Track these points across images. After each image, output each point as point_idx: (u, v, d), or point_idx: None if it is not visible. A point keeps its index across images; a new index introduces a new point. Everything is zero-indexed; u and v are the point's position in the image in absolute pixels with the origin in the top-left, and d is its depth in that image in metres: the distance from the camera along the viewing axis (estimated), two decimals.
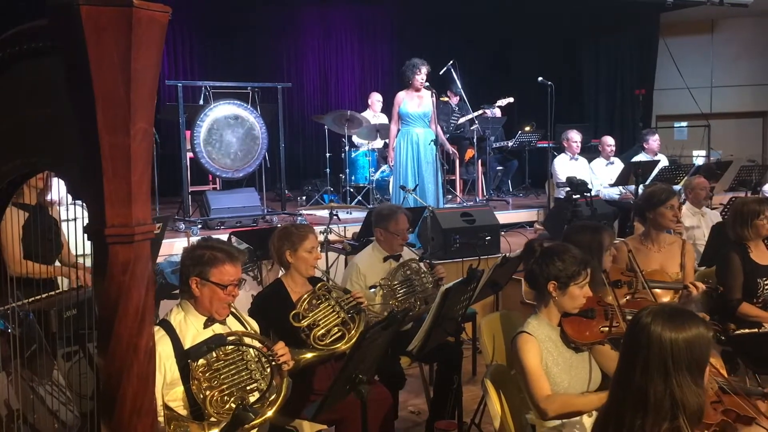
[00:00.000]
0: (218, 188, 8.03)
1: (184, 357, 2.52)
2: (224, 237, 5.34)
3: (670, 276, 3.95)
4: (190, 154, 7.09)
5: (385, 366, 3.59)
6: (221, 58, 10.11)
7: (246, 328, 2.78)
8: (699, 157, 11.16)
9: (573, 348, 2.83)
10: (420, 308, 3.92)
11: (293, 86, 9.42)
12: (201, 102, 7.62)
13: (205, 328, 2.69)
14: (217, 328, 2.71)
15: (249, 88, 7.36)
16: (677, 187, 6.72)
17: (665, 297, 3.70)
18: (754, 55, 11.61)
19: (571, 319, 2.84)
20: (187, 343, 2.61)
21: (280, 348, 2.68)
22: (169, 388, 2.52)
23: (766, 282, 4.07)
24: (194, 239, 6.11)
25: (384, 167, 8.03)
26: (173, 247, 5.85)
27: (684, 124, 12.21)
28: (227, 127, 6.90)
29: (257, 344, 2.65)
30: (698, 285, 3.67)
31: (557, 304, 2.81)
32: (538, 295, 2.89)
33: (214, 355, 2.51)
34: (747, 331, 3.70)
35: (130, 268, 1.39)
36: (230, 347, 2.58)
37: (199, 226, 6.58)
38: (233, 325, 2.78)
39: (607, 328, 2.88)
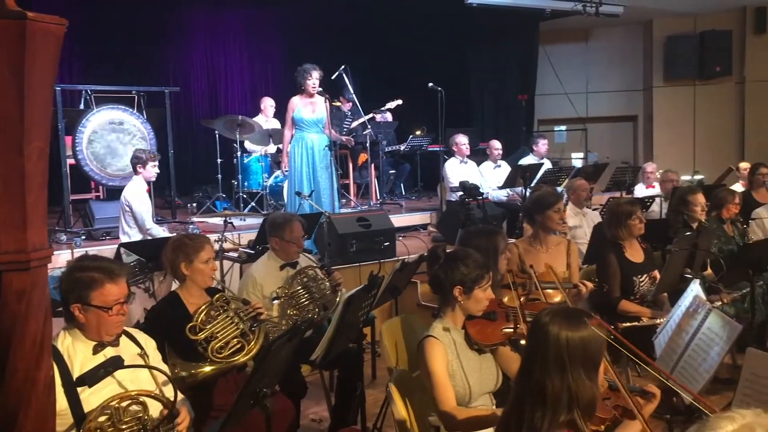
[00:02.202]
0: (102, 197, 7.67)
1: (73, 385, 2.36)
2: (112, 248, 5.11)
3: (558, 275, 4.14)
4: (70, 161, 6.73)
5: (286, 375, 3.55)
6: (103, 60, 9.64)
7: (141, 348, 2.67)
8: (578, 159, 11.76)
9: (476, 349, 2.91)
10: (320, 315, 3.92)
11: (181, 90, 9.13)
12: (81, 106, 7.24)
13: (94, 354, 2.52)
14: (109, 352, 2.54)
15: (134, 91, 7.08)
16: (560, 189, 7.07)
17: (557, 296, 3.88)
18: (625, 63, 12.37)
19: (474, 322, 2.92)
20: (76, 371, 2.44)
21: (183, 421, 2.52)
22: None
23: (641, 279, 4.36)
24: (78, 251, 5.81)
25: (277, 173, 7.94)
26: (55, 261, 5.52)
27: (563, 127, 12.84)
28: (111, 132, 6.62)
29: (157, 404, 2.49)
30: (586, 284, 3.89)
31: (462, 307, 2.89)
32: (442, 299, 2.94)
33: (111, 422, 2.35)
34: (628, 324, 3.93)
35: (27, 297, 1.28)
36: (131, 406, 2.42)
37: (83, 237, 6.25)
38: (126, 346, 2.65)
39: (508, 330, 2.99)
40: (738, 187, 7.71)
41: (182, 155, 9.79)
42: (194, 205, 8.53)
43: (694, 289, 3.22)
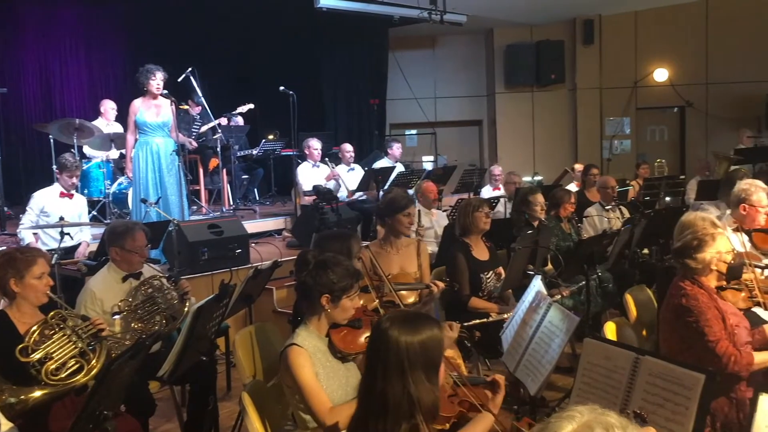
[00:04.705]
0: None
1: None
2: None
3: (410, 276, 4.23)
4: None
5: (132, 393, 3.35)
6: None
7: None
8: (428, 163, 12.13)
9: (340, 358, 2.84)
10: (168, 326, 3.74)
11: (10, 91, 8.40)
12: None
13: None
14: None
15: None
16: (411, 191, 7.23)
17: (411, 297, 3.95)
18: (469, 69, 12.93)
19: (339, 330, 2.86)
20: None
21: None
22: None
23: (487, 276, 4.55)
24: None
25: (121, 179, 7.52)
26: None
27: (414, 131, 13.20)
28: None
29: None
30: (438, 284, 3.99)
31: (329, 316, 2.82)
32: (308, 306, 2.86)
33: None
34: (478, 321, 4.07)
35: None
36: None
37: None
38: None
39: None
40: (573, 186, 8.27)
41: (12, 162, 9.00)
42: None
43: (536, 284, 3.38)
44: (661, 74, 12.06)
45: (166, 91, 6.30)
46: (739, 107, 11.77)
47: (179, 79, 8.16)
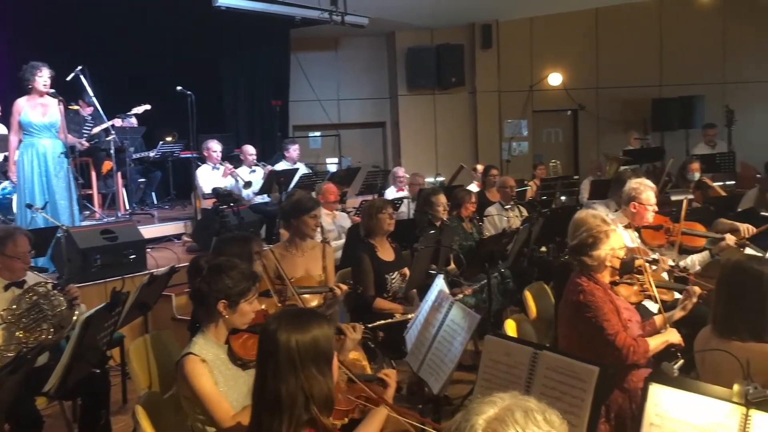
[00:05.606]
0: None
1: None
2: None
3: (315, 279, 4.18)
4: None
5: (16, 410, 3.13)
6: None
7: None
8: (332, 164, 12.08)
9: (240, 365, 2.74)
10: (56, 335, 3.52)
11: None
12: None
13: None
14: None
15: None
16: (313, 193, 7.17)
17: (314, 301, 3.90)
18: (372, 71, 12.97)
19: (238, 336, 2.76)
20: None
21: None
22: None
23: (392, 276, 4.56)
24: None
25: (5, 183, 7.07)
26: None
27: (318, 133, 13.12)
28: None
29: None
30: (341, 287, 3.96)
31: (227, 321, 2.72)
32: (205, 313, 2.75)
33: None
34: (382, 322, 4.06)
35: None
36: None
37: None
38: None
39: None
40: (474, 187, 8.45)
41: None
42: None
43: (439, 284, 3.40)
44: (555, 78, 12.53)
45: (53, 90, 5.98)
46: (627, 110, 12.42)
47: (68, 78, 7.75)
